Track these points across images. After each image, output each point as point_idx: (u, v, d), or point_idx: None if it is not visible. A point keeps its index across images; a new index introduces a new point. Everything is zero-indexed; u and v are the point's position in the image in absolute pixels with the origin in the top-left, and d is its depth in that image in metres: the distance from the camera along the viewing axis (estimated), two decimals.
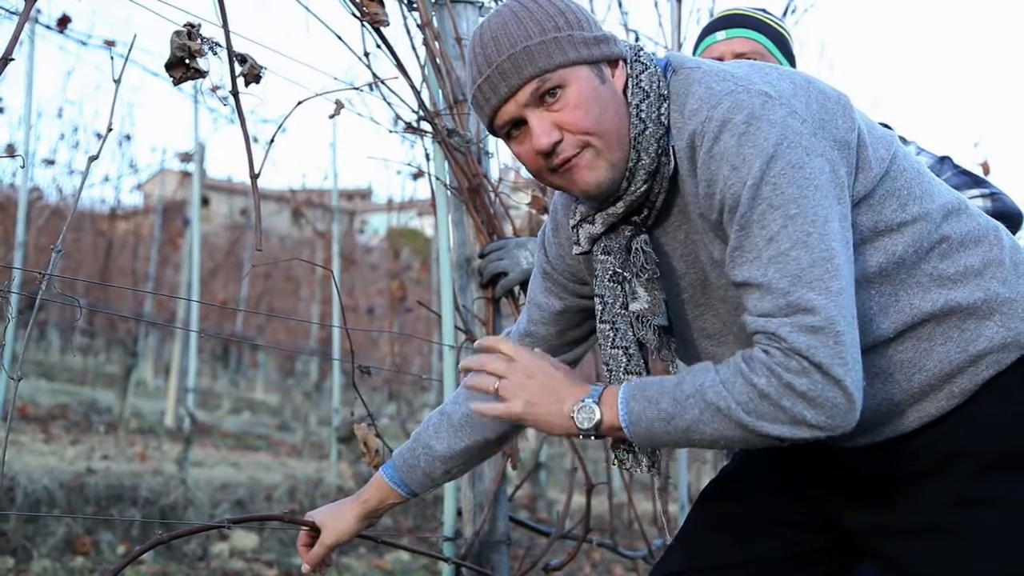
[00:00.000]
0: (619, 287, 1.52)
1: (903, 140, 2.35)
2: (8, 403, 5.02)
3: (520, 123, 1.44)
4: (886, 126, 2.38)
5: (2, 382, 5.29)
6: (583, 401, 1.42)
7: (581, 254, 1.56)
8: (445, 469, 1.75)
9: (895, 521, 1.52)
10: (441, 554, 2.26)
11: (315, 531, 1.76)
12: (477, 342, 1.55)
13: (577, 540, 2.37)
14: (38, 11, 5.47)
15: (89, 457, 5.85)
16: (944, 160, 2.32)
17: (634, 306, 1.52)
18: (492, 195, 2.34)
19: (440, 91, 2.27)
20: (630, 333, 1.53)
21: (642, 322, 1.52)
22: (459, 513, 2.29)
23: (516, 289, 2.28)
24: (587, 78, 1.43)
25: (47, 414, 7.57)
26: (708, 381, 1.35)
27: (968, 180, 2.27)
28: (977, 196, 2.24)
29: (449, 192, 2.33)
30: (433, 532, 5.18)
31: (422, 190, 9.05)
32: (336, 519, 1.75)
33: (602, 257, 1.53)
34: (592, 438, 1.46)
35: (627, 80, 1.47)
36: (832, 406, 1.31)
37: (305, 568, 1.76)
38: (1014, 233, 2.23)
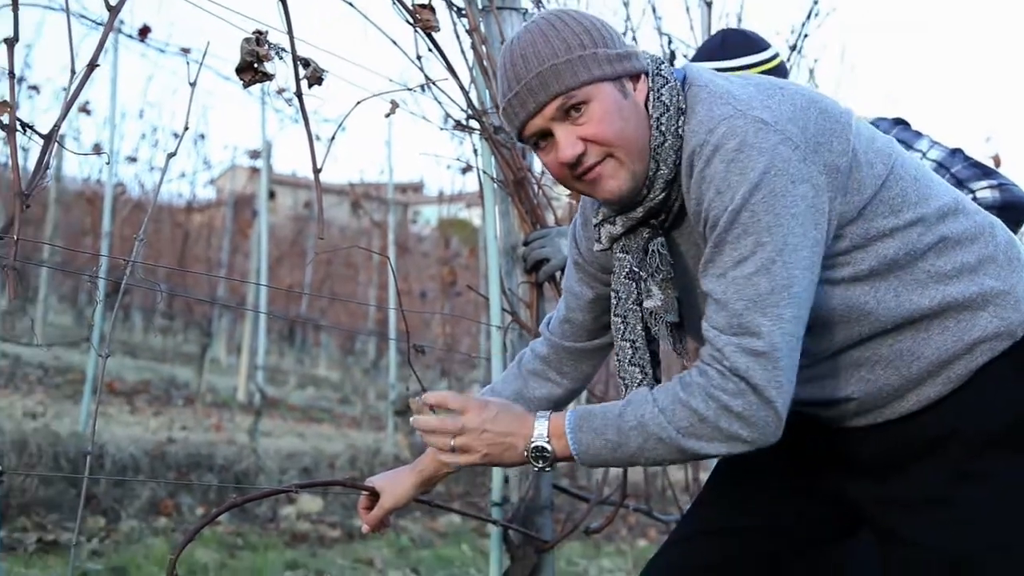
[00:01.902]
0: (634, 284, 1.53)
1: (917, 134, 2.31)
2: (97, 379, 5.10)
3: (547, 135, 1.44)
4: (901, 121, 2.34)
5: (92, 359, 5.40)
6: (533, 439, 1.45)
7: (601, 251, 1.56)
8: None
9: (895, 494, 1.51)
10: (490, 517, 2.27)
11: (374, 495, 1.78)
12: (425, 396, 1.55)
13: (615, 505, 2.37)
14: (121, 22, 5.54)
15: (170, 428, 5.94)
16: (956, 153, 2.29)
17: (648, 303, 1.52)
18: (535, 187, 2.33)
19: (487, 91, 2.26)
20: (639, 327, 1.54)
21: (655, 318, 1.53)
22: (506, 480, 2.30)
23: (558, 274, 2.28)
24: (610, 93, 1.42)
25: (132, 389, 7.68)
26: (648, 413, 1.38)
27: (978, 172, 2.24)
28: (986, 187, 2.20)
29: (495, 185, 2.33)
30: (482, 498, 5.21)
31: (470, 183, 9.08)
32: (395, 485, 1.76)
33: (620, 255, 1.53)
34: (547, 470, 1.54)
35: (648, 93, 1.45)
36: (764, 424, 1.35)
37: (365, 528, 1.78)
38: (1023, 222, 2.19)
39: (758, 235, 1.33)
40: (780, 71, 2.28)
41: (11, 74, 1.46)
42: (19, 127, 1.47)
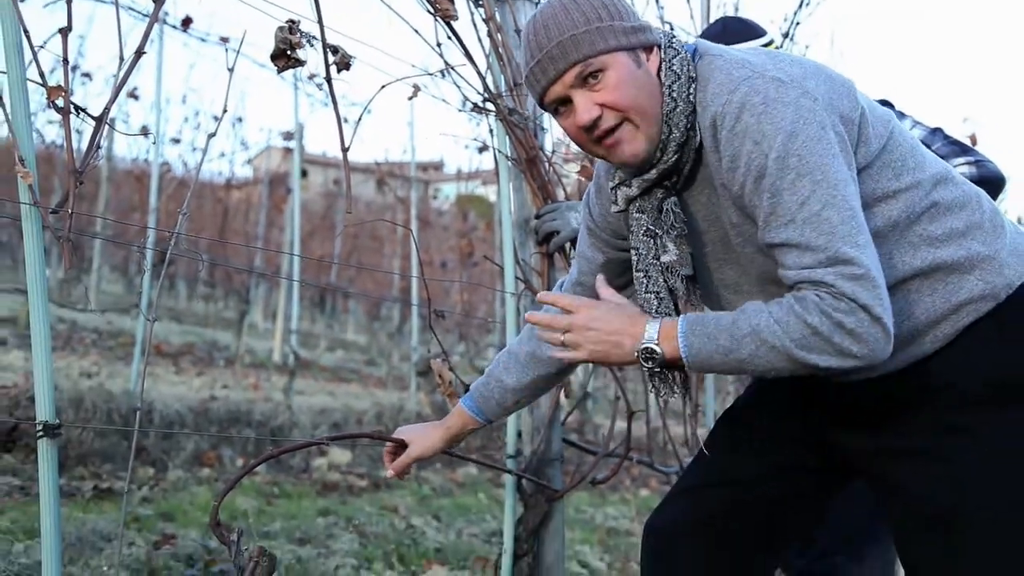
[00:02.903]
0: (652, 241, 1.52)
1: (901, 114, 2.29)
2: (146, 341, 5.14)
3: (566, 101, 1.44)
4: (886, 103, 2.32)
5: (141, 324, 5.43)
6: (643, 340, 1.41)
7: (618, 211, 1.55)
8: (515, 400, 1.77)
9: (884, 444, 1.51)
10: (505, 468, 2.29)
11: (398, 446, 1.80)
12: (539, 295, 1.52)
13: (620, 458, 2.38)
14: (165, 13, 5.51)
15: (212, 387, 5.98)
16: (936, 131, 2.27)
17: (664, 258, 1.51)
18: (546, 165, 2.32)
19: (502, 76, 2.25)
20: (661, 280, 1.52)
21: (671, 272, 1.51)
22: (519, 435, 2.31)
23: (567, 245, 2.27)
24: (625, 63, 1.41)
25: (177, 351, 7.73)
26: (763, 322, 1.34)
27: (956, 149, 2.22)
28: (963, 163, 2.19)
29: (510, 163, 2.32)
30: (498, 451, 5.24)
31: (487, 162, 9.04)
32: (424, 438, 1.78)
33: (637, 215, 1.52)
34: (656, 372, 1.47)
35: (660, 64, 1.45)
36: (874, 340, 1.32)
37: (389, 474, 1.80)
38: (997, 195, 2.18)
39: (811, 174, 1.31)
40: None
41: (65, 61, 1.46)
42: (73, 110, 1.47)
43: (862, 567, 2.30)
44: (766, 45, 2.26)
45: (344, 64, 1.71)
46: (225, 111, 1.78)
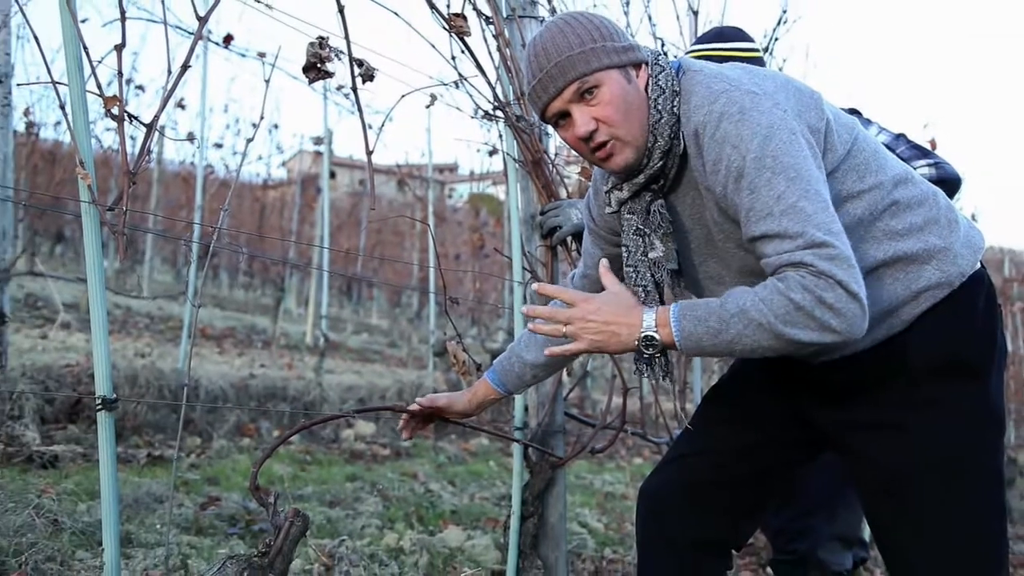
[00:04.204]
0: (640, 239, 1.52)
1: (868, 121, 2.28)
2: (192, 325, 5.16)
3: (565, 115, 1.44)
4: (855, 111, 2.31)
5: (187, 309, 5.44)
6: (643, 329, 1.37)
7: (611, 213, 1.56)
8: (533, 374, 1.79)
9: (851, 418, 1.52)
10: (513, 438, 2.29)
11: (412, 417, 1.82)
12: (538, 287, 1.45)
13: (616, 430, 2.39)
14: (209, 31, 5.50)
15: (251, 366, 6.00)
16: (899, 136, 2.27)
17: (652, 254, 1.51)
18: (550, 167, 2.32)
19: (510, 86, 2.25)
20: (648, 274, 1.52)
21: (657, 266, 1.51)
22: (526, 409, 2.31)
23: (569, 239, 2.27)
24: (617, 79, 1.42)
25: (220, 334, 7.75)
26: (749, 302, 1.30)
27: (917, 152, 2.22)
28: (924, 165, 2.18)
29: (517, 165, 2.32)
30: (506, 423, 5.25)
31: (496, 164, 9.02)
32: (455, 400, 1.82)
33: (628, 216, 1.53)
34: (657, 357, 1.44)
35: (648, 79, 1.45)
36: (852, 315, 1.28)
37: (405, 435, 1.84)
38: (954, 194, 2.18)
39: (785, 172, 1.30)
40: (759, 61, 2.27)
41: (120, 74, 1.46)
42: (127, 118, 1.47)
43: (833, 526, 2.31)
44: (755, 50, 2.27)
45: (368, 76, 1.71)
46: (262, 119, 1.79)
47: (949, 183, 2.13)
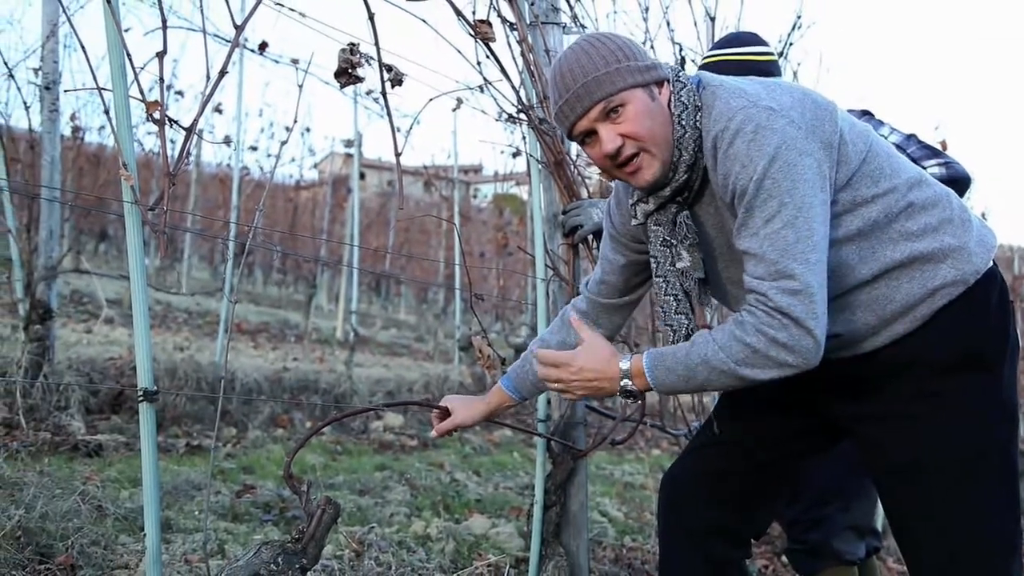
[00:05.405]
0: (668, 250, 1.53)
1: (879, 123, 2.26)
2: (228, 320, 5.21)
3: (592, 133, 1.44)
4: (867, 112, 2.28)
5: (224, 305, 5.50)
6: (622, 379, 1.45)
7: (637, 225, 1.56)
8: None
9: (868, 410, 1.51)
10: (536, 431, 2.29)
11: (444, 412, 1.81)
12: (539, 355, 1.54)
13: (635, 422, 2.38)
14: (245, 39, 5.55)
15: (284, 359, 6.04)
16: (911, 137, 2.24)
17: (680, 264, 1.52)
18: (572, 168, 2.31)
19: (533, 90, 2.25)
20: (677, 284, 1.53)
21: (686, 276, 1.52)
22: (549, 402, 2.31)
23: (589, 237, 2.27)
24: (641, 97, 1.42)
25: (255, 328, 7.81)
26: (710, 351, 1.37)
27: (928, 153, 2.20)
28: (935, 165, 2.16)
29: (540, 166, 2.32)
30: (529, 415, 5.25)
31: (520, 165, 9.01)
32: (468, 409, 1.81)
33: (654, 228, 1.53)
34: (638, 401, 1.58)
35: (670, 96, 1.45)
36: (806, 350, 1.32)
37: (434, 434, 1.82)
38: (964, 193, 2.15)
39: (780, 197, 1.31)
40: (775, 65, 2.24)
41: (161, 80, 1.48)
42: (167, 122, 1.49)
43: (847, 517, 2.29)
44: (770, 54, 2.25)
45: (397, 80, 1.72)
46: (295, 122, 1.80)
47: (959, 182, 2.11)
